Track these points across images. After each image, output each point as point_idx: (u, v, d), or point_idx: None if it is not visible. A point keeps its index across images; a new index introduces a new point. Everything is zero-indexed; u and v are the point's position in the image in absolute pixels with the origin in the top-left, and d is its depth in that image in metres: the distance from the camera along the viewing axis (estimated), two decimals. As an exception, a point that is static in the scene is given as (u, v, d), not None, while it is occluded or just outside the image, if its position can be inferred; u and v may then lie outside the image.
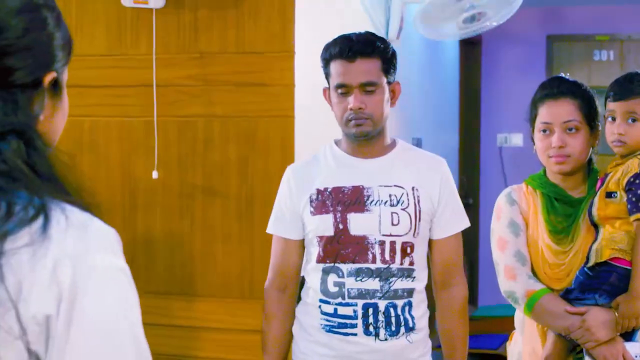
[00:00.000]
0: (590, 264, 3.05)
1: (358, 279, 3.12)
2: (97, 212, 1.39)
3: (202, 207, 4.28)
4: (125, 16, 4.34)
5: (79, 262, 1.30)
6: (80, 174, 1.42)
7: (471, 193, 8.80)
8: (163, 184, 4.31)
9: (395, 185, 3.17)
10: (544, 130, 3.21)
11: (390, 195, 3.15)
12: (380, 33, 5.21)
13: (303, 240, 3.28)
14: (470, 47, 8.84)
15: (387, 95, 3.17)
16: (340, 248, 3.14)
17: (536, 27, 9.02)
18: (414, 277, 3.17)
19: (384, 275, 3.12)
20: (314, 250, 3.21)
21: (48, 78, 1.43)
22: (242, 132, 4.20)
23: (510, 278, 3.20)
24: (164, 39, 4.28)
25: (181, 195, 4.31)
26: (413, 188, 3.18)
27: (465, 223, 3.31)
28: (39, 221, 1.30)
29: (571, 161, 3.18)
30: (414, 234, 3.16)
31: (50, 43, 1.44)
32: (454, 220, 3.26)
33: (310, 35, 4.29)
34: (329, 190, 3.19)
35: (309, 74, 4.23)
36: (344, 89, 3.14)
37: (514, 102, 9.14)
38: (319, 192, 3.20)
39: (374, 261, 3.12)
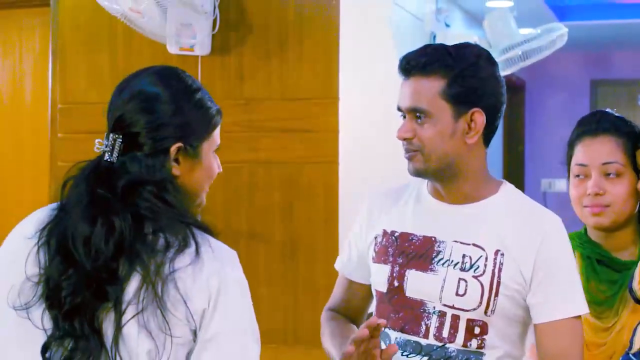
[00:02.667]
0: (635, 349, 2.44)
1: (404, 353, 2.42)
2: (218, 237, 2.04)
3: (246, 252, 4.28)
4: (171, 63, 4.37)
5: (221, 275, 1.95)
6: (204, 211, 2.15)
7: (515, 238, 8.73)
8: (208, 229, 4.32)
9: (474, 245, 2.40)
10: (578, 175, 2.68)
11: (464, 256, 2.40)
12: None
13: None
14: (514, 92, 8.83)
15: (451, 127, 2.38)
16: (391, 311, 2.47)
17: (580, 72, 9.01)
18: None
19: (435, 355, 2.39)
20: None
21: (173, 148, 2.01)
22: (286, 178, 4.21)
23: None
24: (210, 86, 4.29)
25: (225, 240, 4.28)
26: (497, 252, 2.37)
27: (581, 307, 2.39)
28: (193, 247, 1.93)
29: (610, 213, 2.59)
30: (486, 311, 2.36)
31: (168, 126, 2.01)
32: (559, 300, 2.37)
33: (355, 81, 4.30)
34: (396, 234, 2.50)
35: (353, 120, 4.24)
36: (401, 112, 2.46)
37: (558, 147, 9.10)
38: (385, 234, 2.53)
39: (426, 335, 2.40)
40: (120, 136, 2.01)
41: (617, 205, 2.58)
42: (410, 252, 2.45)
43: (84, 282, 1.90)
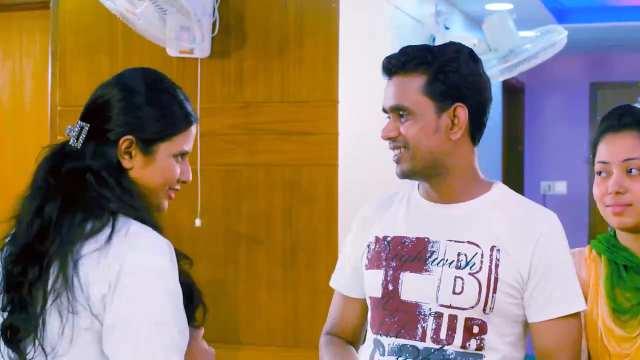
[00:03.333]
0: None
1: (400, 359, 2.37)
2: (154, 227, 2.04)
3: (247, 255, 4.29)
4: (171, 66, 4.39)
5: (126, 261, 1.96)
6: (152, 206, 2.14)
7: (515, 240, 8.72)
8: (208, 232, 4.33)
9: (468, 242, 2.36)
10: (600, 172, 2.46)
11: (458, 254, 2.36)
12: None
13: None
14: (514, 94, 8.83)
15: (434, 123, 2.37)
16: (386, 315, 2.41)
17: (580, 74, 9.02)
18: None
19: (433, 358, 2.33)
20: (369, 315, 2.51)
21: (122, 140, 2.09)
22: (286, 181, 4.22)
23: None
24: (209, 89, 4.32)
25: (226, 243, 4.32)
26: (492, 248, 2.34)
27: (578, 305, 2.37)
28: (107, 233, 1.98)
29: (633, 212, 2.40)
30: (484, 309, 2.32)
31: (123, 117, 2.10)
32: (557, 298, 2.34)
33: (354, 84, 4.31)
34: (388, 239, 2.46)
35: (353, 123, 4.25)
36: (386, 114, 2.47)
37: (558, 149, 9.15)
38: (377, 240, 2.49)
39: (422, 338, 2.34)
40: (88, 124, 2.11)
41: (639, 204, 2.40)
42: (404, 254, 2.41)
43: (16, 260, 2.04)
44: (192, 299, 2.11)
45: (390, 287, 2.39)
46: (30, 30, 5.33)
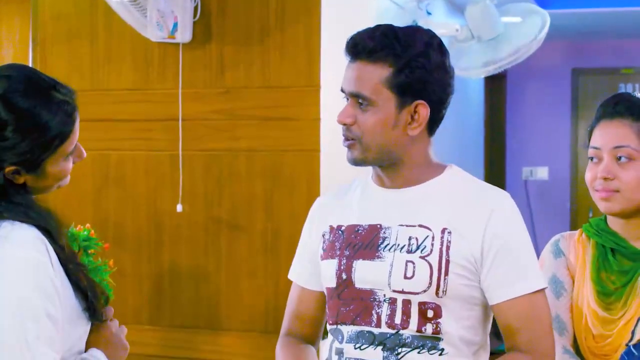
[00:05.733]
0: (635, 340, 2.39)
1: (357, 345, 2.33)
2: (45, 229, 2.09)
3: (228, 242, 4.29)
4: (152, 51, 4.37)
5: None
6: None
7: (497, 226, 8.74)
8: (189, 218, 4.32)
9: (419, 226, 2.32)
10: (592, 158, 2.52)
11: (410, 239, 2.31)
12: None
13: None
14: (495, 81, 8.84)
15: (393, 118, 2.31)
16: (341, 304, 2.37)
17: (561, 61, 9.03)
18: (442, 351, 2.30)
19: (389, 343, 2.30)
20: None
21: (6, 171, 2.13)
22: (267, 167, 4.21)
23: None
24: (191, 74, 4.31)
25: (207, 230, 4.32)
26: (443, 230, 2.30)
27: (536, 283, 2.31)
28: None
29: (620, 198, 2.45)
30: (437, 292, 2.28)
31: (4, 151, 2.11)
32: (514, 277, 2.29)
33: (336, 69, 4.29)
34: (342, 228, 2.42)
35: (334, 108, 4.22)
36: (344, 95, 2.37)
37: (539, 136, 9.16)
38: (331, 230, 2.45)
39: (378, 324, 2.31)
40: None
41: (627, 191, 2.45)
42: (357, 243, 2.36)
43: None
44: (91, 295, 2.17)
45: (344, 276, 2.36)
46: (10, 16, 5.30)
